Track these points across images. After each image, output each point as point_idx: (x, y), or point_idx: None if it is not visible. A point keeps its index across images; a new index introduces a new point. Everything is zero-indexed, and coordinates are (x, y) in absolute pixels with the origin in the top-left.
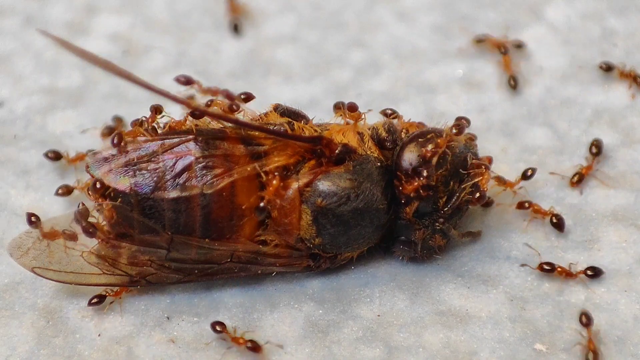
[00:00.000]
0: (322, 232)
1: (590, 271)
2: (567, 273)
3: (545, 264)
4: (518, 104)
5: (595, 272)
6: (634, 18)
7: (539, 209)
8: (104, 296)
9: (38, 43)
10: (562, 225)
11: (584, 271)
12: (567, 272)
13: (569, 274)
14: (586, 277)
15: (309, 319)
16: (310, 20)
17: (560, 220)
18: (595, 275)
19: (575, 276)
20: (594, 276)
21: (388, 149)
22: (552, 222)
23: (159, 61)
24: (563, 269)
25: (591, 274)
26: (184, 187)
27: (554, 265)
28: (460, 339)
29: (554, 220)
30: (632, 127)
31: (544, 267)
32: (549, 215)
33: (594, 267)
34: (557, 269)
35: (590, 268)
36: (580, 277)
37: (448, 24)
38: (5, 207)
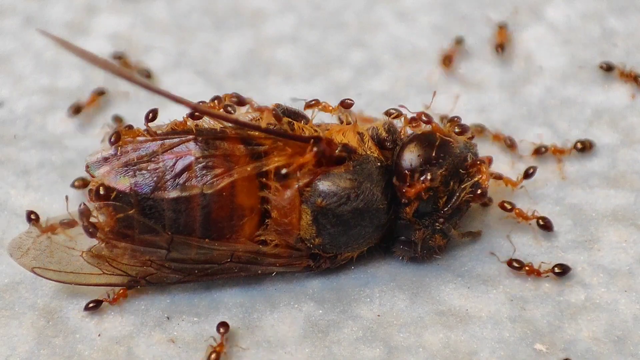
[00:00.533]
0: (322, 232)
1: (558, 269)
2: (535, 272)
3: (515, 261)
4: (518, 104)
5: (563, 270)
6: (634, 18)
7: (522, 213)
8: (100, 301)
9: (38, 43)
10: (550, 226)
11: (552, 269)
12: (535, 270)
13: (537, 272)
14: (554, 275)
15: (309, 319)
16: (310, 20)
17: (547, 222)
18: (563, 272)
19: (543, 274)
20: (562, 274)
21: (388, 149)
22: (539, 225)
23: (159, 61)
24: (531, 267)
25: (559, 271)
26: (184, 187)
27: (523, 263)
28: (460, 339)
29: (540, 222)
30: (632, 127)
31: (513, 265)
32: (533, 219)
33: (562, 265)
34: (526, 267)
35: (558, 265)
36: (549, 276)
37: (448, 24)
38: (5, 207)
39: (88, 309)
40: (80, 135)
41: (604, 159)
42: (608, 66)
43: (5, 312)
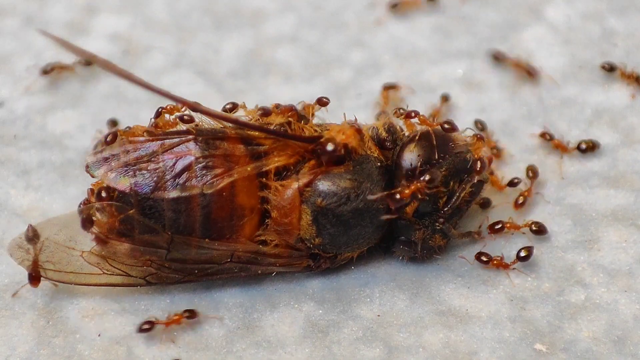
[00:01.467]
0: (322, 232)
1: (525, 251)
2: (502, 264)
3: (482, 254)
4: (518, 104)
5: (529, 252)
6: (634, 18)
7: (513, 225)
8: (153, 323)
9: (38, 43)
10: (544, 229)
11: (516, 260)
12: (502, 263)
13: (504, 265)
14: (519, 260)
15: (309, 319)
16: (310, 20)
17: (540, 226)
18: (528, 255)
19: (509, 266)
20: (527, 257)
21: (388, 149)
22: (533, 231)
23: (159, 61)
24: (499, 261)
25: (525, 254)
26: (184, 187)
27: (491, 257)
28: (460, 339)
29: (534, 228)
30: (632, 127)
31: (480, 258)
32: (526, 227)
33: (527, 248)
34: (493, 260)
35: (524, 249)
36: (514, 267)
37: (448, 24)
38: (5, 207)
39: (142, 331)
40: (80, 135)
41: (604, 159)
42: (610, 67)
43: (5, 312)
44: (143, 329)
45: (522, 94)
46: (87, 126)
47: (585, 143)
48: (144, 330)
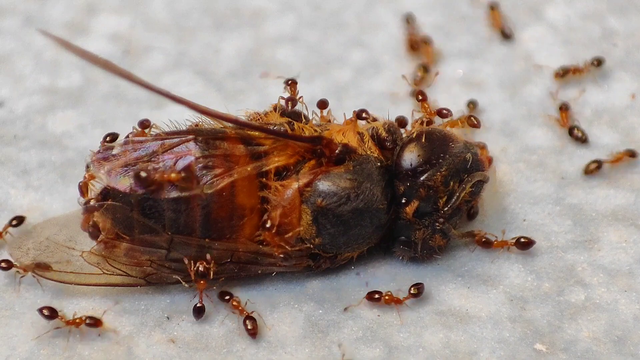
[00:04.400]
0: (322, 232)
1: (414, 290)
2: (394, 300)
3: (375, 292)
4: (518, 104)
5: (419, 290)
6: (634, 18)
7: (500, 243)
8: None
9: (38, 43)
10: (531, 242)
11: (408, 296)
12: (393, 299)
13: (396, 300)
14: (411, 296)
15: (309, 319)
16: (310, 20)
17: (526, 240)
18: (418, 293)
19: (401, 302)
20: (418, 294)
21: (388, 149)
22: (520, 244)
23: (159, 61)
24: (390, 296)
25: (415, 292)
26: None
27: (382, 294)
28: (460, 339)
29: (522, 240)
30: (632, 127)
31: (373, 297)
32: (511, 245)
33: (417, 285)
34: (385, 296)
35: (414, 286)
36: (406, 303)
37: (448, 24)
38: (5, 207)
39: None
40: (80, 135)
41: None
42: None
43: (5, 312)
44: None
45: (522, 94)
46: (87, 126)
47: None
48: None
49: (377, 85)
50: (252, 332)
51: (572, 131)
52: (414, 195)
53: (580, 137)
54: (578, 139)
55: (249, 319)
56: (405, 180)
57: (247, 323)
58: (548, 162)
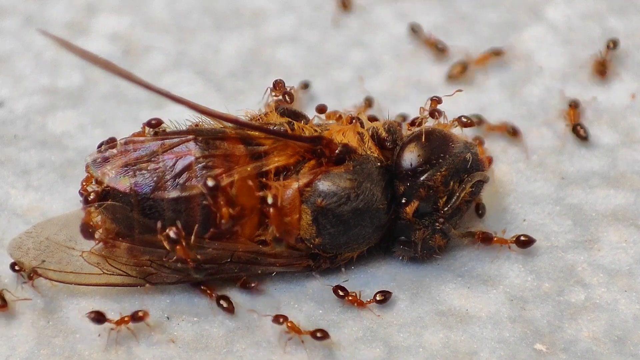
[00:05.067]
0: (322, 232)
1: (380, 296)
2: (357, 302)
3: (340, 288)
4: (518, 104)
5: (384, 297)
6: (634, 18)
7: (500, 240)
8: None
9: (38, 43)
10: (531, 240)
11: (372, 300)
12: (357, 300)
13: (359, 302)
14: (375, 302)
15: (309, 319)
16: (310, 20)
17: (527, 238)
18: (384, 300)
19: (365, 305)
20: (383, 301)
21: (388, 149)
22: (520, 243)
23: (159, 61)
24: (354, 297)
25: (380, 298)
26: (184, 187)
27: (347, 292)
28: (460, 339)
29: (522, 239)
30: (632, 127)
31: (337, 292)
32: (511, 243)
33: (383, 292)
34: (349, 296)
35: (380, 293)
36: (369, 306)
37: (448, 24)
38: (5, 207)
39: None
40: (80, 135)
41: (604, 159)
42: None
43: (6, 312)
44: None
45: (522, 94)
46: (87, 126)
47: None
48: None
49: (377, 85)
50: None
51: (576, 128)
52: (414, 195)
53: (582, 136)
54: (580, 137)
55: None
56: (405, 180)
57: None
58: (548, 162)
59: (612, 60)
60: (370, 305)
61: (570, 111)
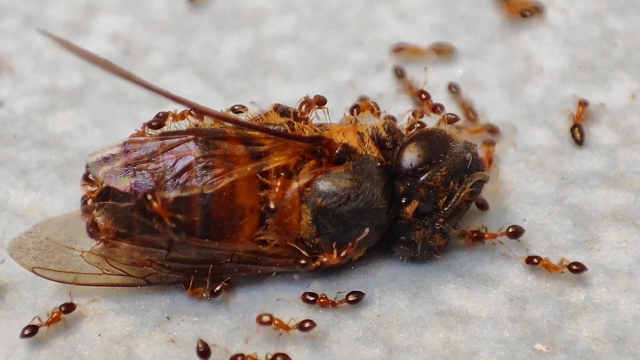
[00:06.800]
0: (322, 232)
1: (353, 296)
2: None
3: (309, 294)
4: (518, 104)
5: (357, 298)
6: (634, 18)
7: (492, 235)
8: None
9: (38, 43)
10: (520, 231)
11: (344, 301)
12: (329, 302)
13: (332, 303)
14: (347, 302)
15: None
16: (310, 20)
17: (515, 229)
18: (357, 300)
19: (336, 305)
20: (356, 301)
21: (388, 149)
22: (510, 234)
23: (159, 61)
24: (325, 299)
25: (353, 299)
26: (184, 187)
27: (317, 296)
28: (460, 339)
29: (511, 230)
30: (632, 127)
31: (306, 298)
32: (502, 235)
33: (356, 293)
34: (320, 299)
35: (353, 293)
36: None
37: (448, 24)
38: (5, 207)
39: (24, 336)
40: (80, 135)
41: (604, 159)
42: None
43: (5, 312)
44: (25, 335)
45: (522, 94)
46: (87, 126)
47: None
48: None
49: (377, 85)
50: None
51: (574, 129)
52: (414, 195)
53: (577, 139)
54: (574, 139)
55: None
56: (405, 180)
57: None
58: (548, 162)
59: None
60: (343, 305)
61: (580, 108)
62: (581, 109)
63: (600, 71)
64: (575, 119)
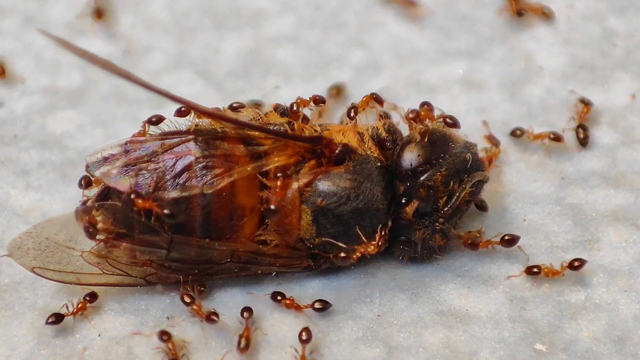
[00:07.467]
0: (322, 232)
1: (319, 304)
2: (294, 305)
3: (278, 294)
4: (518, 104)
5: (323, 306)
6: (634, 18)
7: (487, 242)
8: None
9: (38, 43)
10: (516, 239)
11: (310, 305)
12: (294, 304)
13: (296, 306)
14: (313, 309)
15: (309, 319)
16: (310, 20)
17: (510, 237)
18: (322, 309)
19: (301, 309)
20: (321, 309)
21: (388, 149)
22: (504, 241)
23: (159, 61)
24: (291, 301)
25: (319, 307)
26: (184, 187)
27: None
28: (460, 339)
29: (506, 237)
30: (632, 127)
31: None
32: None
33: (322, 302)
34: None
35: (319, 301)
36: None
37: (448, 24)
38: (5, 207)
39: (49, 323)
40: (80, 135)
41: (604, 159)
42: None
43: (5, 312)
44: (50, 322)
45: (522, 94)
46: (87, 126)
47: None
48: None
49: (377, 85)
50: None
51: (578, 129)
52: (414, 195)
53: (581, 139)
54: (578, 139)
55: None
56: (405, 180)
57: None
58: (548, 162)
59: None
60: (308, 311)
61: (585, 109)
62: (586, 110)
63: (600, 71)
64: (579, 119)
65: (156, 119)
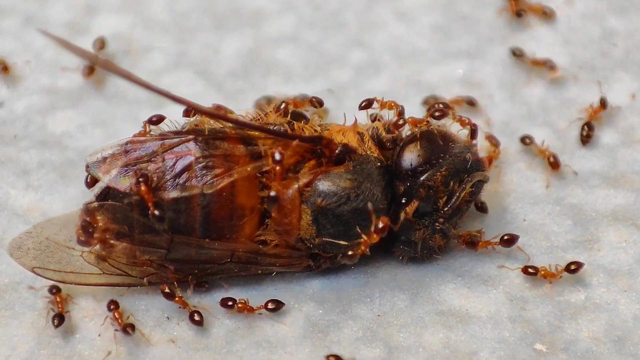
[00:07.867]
0: (322, 232)
1: (272, 304)
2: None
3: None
4: (518, 104)
5: (276, 306)
6: (634, 18)
7: (486, 243)
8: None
9: (38, 43)
10: (515, 239)
11: (263, 307)
12: (246, 307)
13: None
14: (266, 309)
15: (309, 319)
16: (310, 20)
17: (509, 236)
18: (275, 309)
19: (254, 311)
20: (275, 309)
21: (388, 149)
22: (503, 241)
23: (159, 61)
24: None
25: (272, 307)
26: (184, 187)
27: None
28: (460, 339)
29: (505, 237)
30: (632, 127)
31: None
32: (496, 244)
33: (275, 301)
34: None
35: (272, 301)
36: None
37: (448, 24)
38: (5, 207)
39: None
40: (80, 135)
41: (604, 159)
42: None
43: (5, 312)
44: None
45: (522, 94)
46: (87, 126)
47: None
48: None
49: (377, 85)
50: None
51: (584, 127)
52: (414, 195)
53: (584, 137)
54: (581, 136)
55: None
56: (405, 180)
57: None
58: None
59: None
60: (262, 311)
61: (599, 108)
62: (599, 109)
63: (600, 71)
64: (588, 117)
65: (156, 119)
